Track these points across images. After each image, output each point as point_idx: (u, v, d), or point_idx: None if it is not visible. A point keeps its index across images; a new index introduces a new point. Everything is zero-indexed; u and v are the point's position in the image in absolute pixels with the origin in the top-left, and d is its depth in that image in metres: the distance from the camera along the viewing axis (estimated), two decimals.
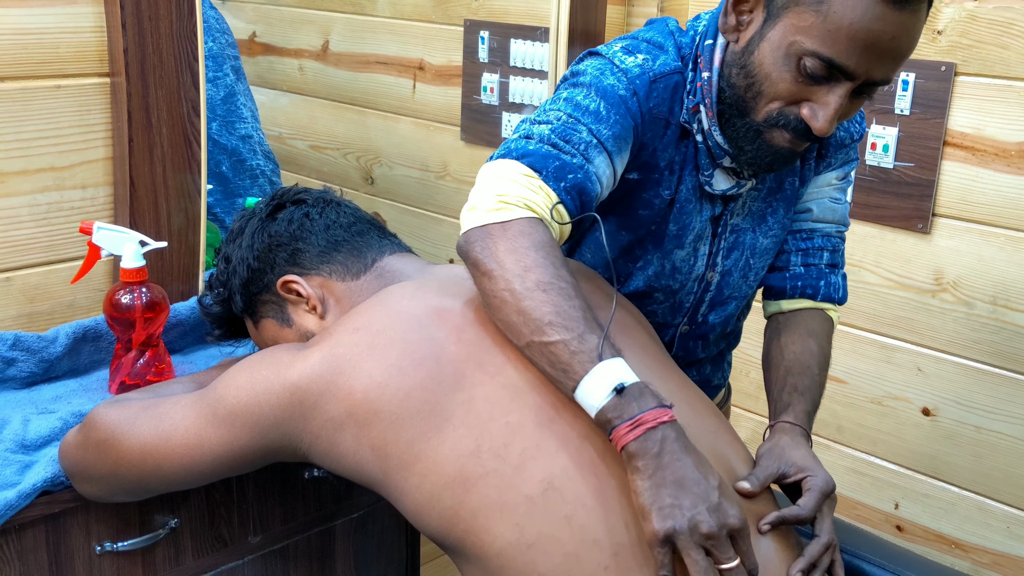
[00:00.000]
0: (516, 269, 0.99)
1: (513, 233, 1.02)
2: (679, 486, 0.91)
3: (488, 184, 1.06)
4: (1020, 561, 1.83)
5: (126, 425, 1.06)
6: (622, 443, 0.93)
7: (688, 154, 1.21)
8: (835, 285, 1.37)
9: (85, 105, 1.42)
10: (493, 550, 0.94)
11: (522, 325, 0.98)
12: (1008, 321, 1.78)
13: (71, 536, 1.16)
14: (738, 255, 1.31)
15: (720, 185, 1.23)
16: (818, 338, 1.31)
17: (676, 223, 1.24)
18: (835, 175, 1.35)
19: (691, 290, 1.32)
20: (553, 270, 0.99)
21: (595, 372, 0.94)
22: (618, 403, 0.93)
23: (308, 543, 1.39)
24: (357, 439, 0.99)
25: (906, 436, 1.94)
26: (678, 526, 0.90)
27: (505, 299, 0.99)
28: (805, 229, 1.37)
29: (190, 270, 1.51)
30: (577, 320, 0.97)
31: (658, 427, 0.93)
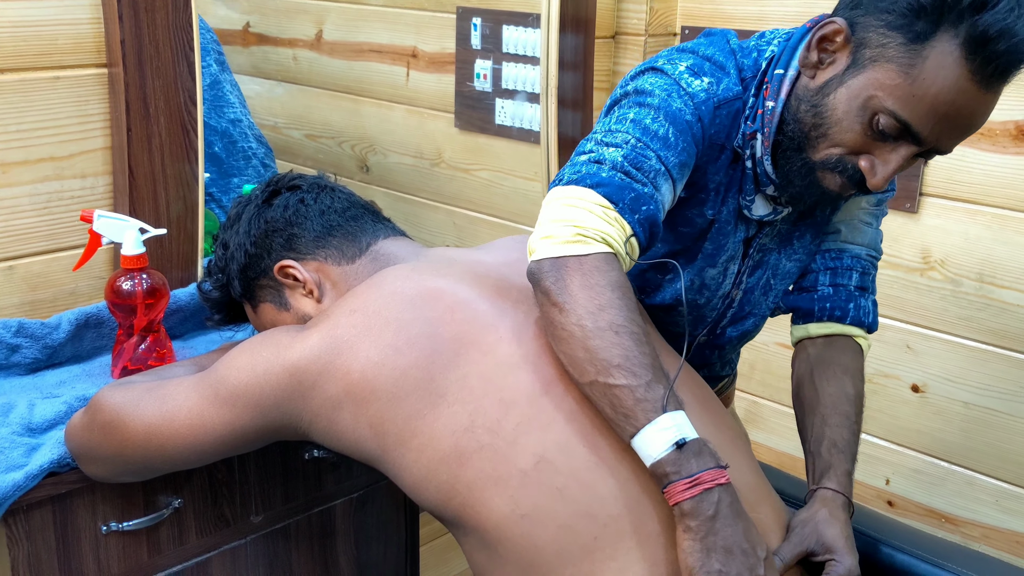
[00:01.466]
0: (590, 306, 0.98)
1: (589, 268, 1.00)
2: (728, 553, 0.92)
3: (563, 212, 1.03)
4: (1009, 534, 1.86)
5: (130, 407, 1.09)
6: (677, 499, 0.93)
7: (735, 177, 1.20)
8: (865, 309, 1.32)
9: (83, 96, 1.44)
10: (489, 522, 0.97)
11: (588, 363, 0.97)
12: (995, 298, 1.80)
13: (78, 516, 1.18)
14: (761, 273, 1.30)
15: (759, 211, 1.22)
16: (853, 378, 1.28)
17: (713, 242, 1.23)
18: (866, 200, 1.32)
19: (715, 306, 1.31)
20: (627, 312, 0.98)
21: (658, 423, 0.94)
22: (677, 458, 0.93)
23: (309, 522, 1.42)
24: (355, 417, 1.02)
25: (896, 413, 1.97)
26: None
27: (574, 334, 0.98)
28: (833, 249, 1.33)
29: (189, 257, 1.54)
30: (646, 367, 0.96)
31: (715, 489, 0.93)
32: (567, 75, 1.96)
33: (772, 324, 2.12)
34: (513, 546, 0.96)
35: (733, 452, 1.07)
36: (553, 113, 1.96)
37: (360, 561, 1.49)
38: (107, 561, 1.22)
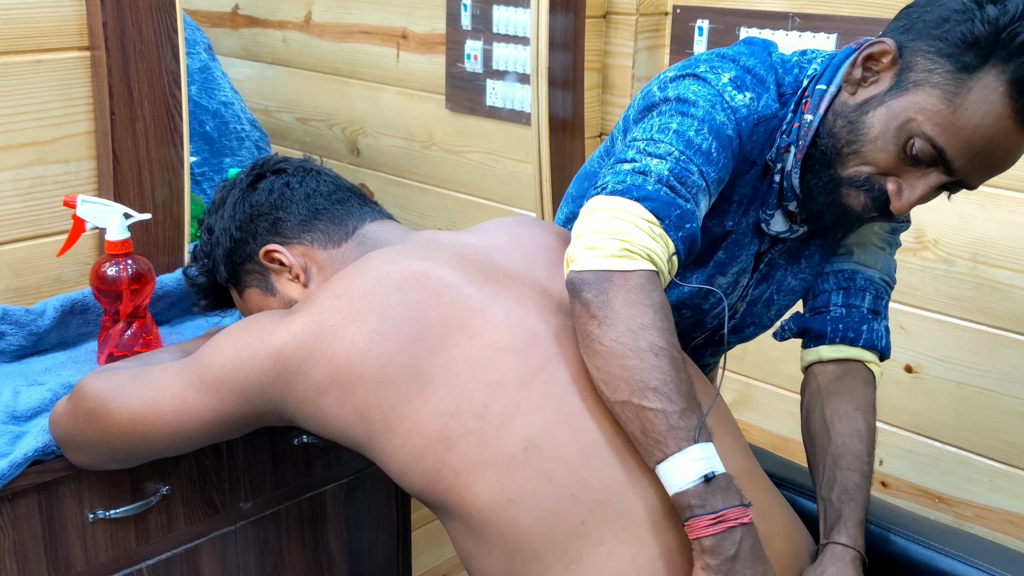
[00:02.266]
0: (632, 324, 0.96)
1: (633, 286, 0.98)
2: None
3: (609, 224, 1.01)
4: (1002, 513, 1.86)
5: (114, 393, 1.08)
6: (699, 535, 0.92)
7: (759, 191, 1.20)
8: (878, 333, 1.30)
9: (66, 79, 1.42)
10: (475, 507, 0.96)
11: (624, 381, 0.96)
12: (987, 277, 1.80)
13: (64, 504, 1.18)
14: (765, 287, 1.30)
15: (777, 227, 1.22)
16: (865, 414, 1.25)
17: (727, 252, 1.23)
18: (879, 226, 1.31)
19: (718, 314, 1.30)
20: (668, 336, 0.97)
21: (688, 453, 0.93)
22: (704, 492, 0.92)
23: (299, 508, 1.41)
24: (341, 403, 1.01)
25: (889, 393, 1.96)
26: None
27: (613, 350, 0.96)
28: (847, 269, 1.31)
29: (175, 242, 1.52)
30: (682, 395, 0.95)
31: (738, 528, 0.92)
32: (558, 55, 1.94)
33: None
34: (499, 530, 0.95)
35: (720, 433, 1.06)
36: (544, 94, 1.94)
37: (352, 547, 1.48)
38: (95, 549, 1.21)
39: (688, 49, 2.12)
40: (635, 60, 2.08)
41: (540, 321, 1.04)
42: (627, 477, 0.96)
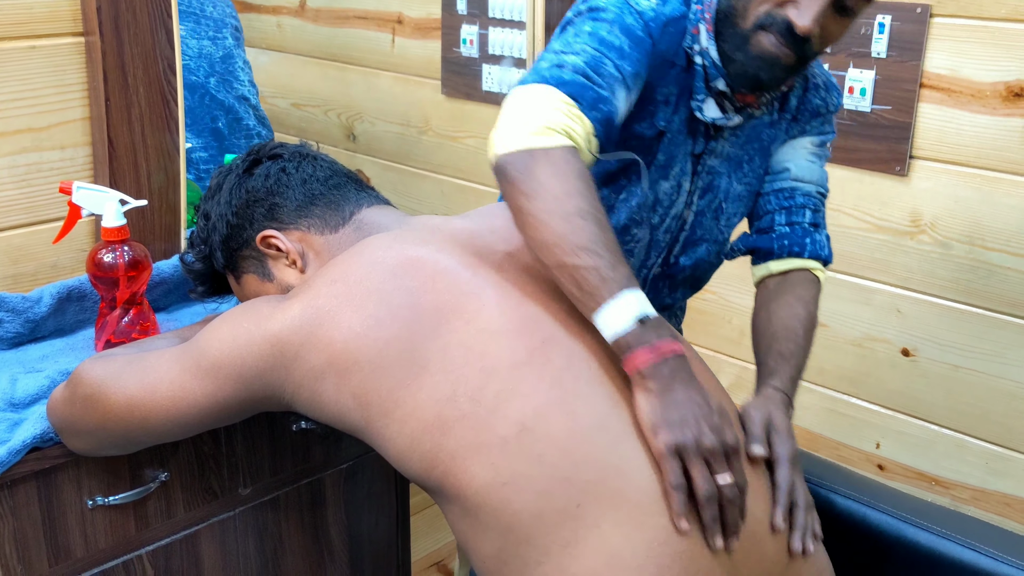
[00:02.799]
0: (558, 193, 1.03)
1: (556, 159, 1.06)
2: (687, 406, 0.98)
3: (528, 108, 1.09)
4: (998, 496, 1.86)
5: (112, 379, 1.08)
6: (638, 365, 0.98)
7: (685, 86, 1.27)
8: (820, 243, 1.40)
9: (60, 65, 1.42)
10: (470, 489, 0.96)
11: (556, 247, 1.02)
12: (984, 260, 1.80)
13: (63, 491, 1.18)
14: (711, 197, 1.36)
15: (710, 113, 1.28)
16: (805, 303, 1.35)
17: (665, 153, 1.30)
18: (810, 140, 1.40)
19: (669, 228, 1.36)
20: (592, 201, 1.04)
21: (621, 299, 0.99)
22: (639, 331, 0.99)
23: (298, 494, 1.41)
24: (338, 388, 1.01)
25: (885, 376, 1.97)
26: (686, 440, 0.96)
27: (543, 219, 1.03)
28: (786, 188, 1.40)
29: (172, 228, 1.52)
30: (610, 250, 1.02)
31: (672, 356, 0.99)
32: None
33: None
34: (493, 512, 0.96)
35: None
36: None
37: (351, 531, 1.49)
38: (94, 535, 1.22)
39: None
40: None
41: (535, 304, 1.04)
42: (620, 460, 0.96)
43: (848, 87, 1.89)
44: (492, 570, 0.98)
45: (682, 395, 0.98)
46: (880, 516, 1.27)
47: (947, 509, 1.48)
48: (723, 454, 0.97)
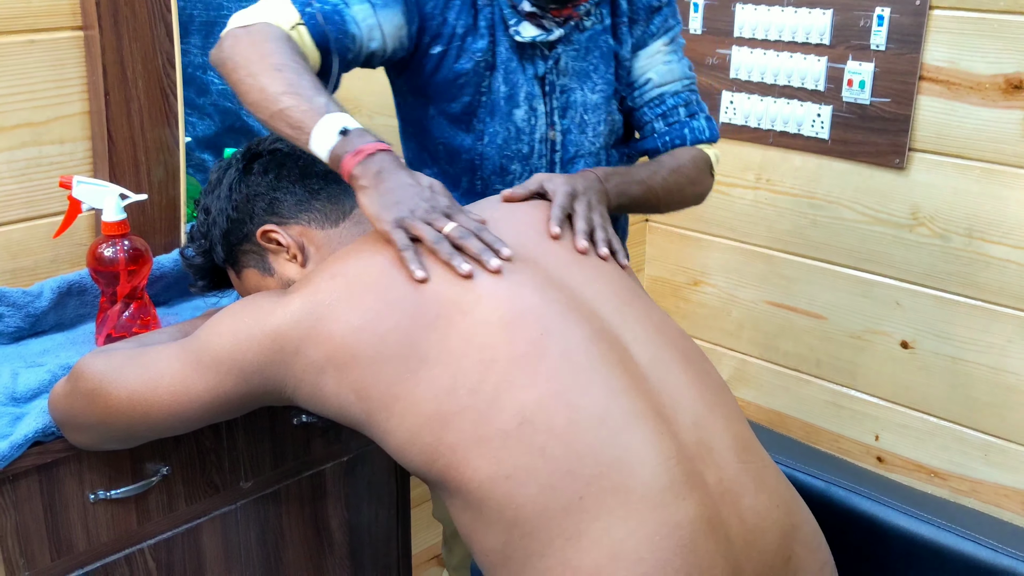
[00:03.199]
0: (255, 56, 1.17)
1: (254, 32, 1.21)
2: (398, 190, 1.08)
3: (245, 10, 1.25)
4: (996, 487, 1.87)
5: (113, 374, 1.08)
6: (348, 169, 1.09)
7: (495, 18, 1.36)
8: (699, 128, 1.50)
9: (60, 59, 1.41)
10: (473, 483, 0.96)
11: (264, 100, 1.14)
12: (982, 252, 1.80)
13: (65, 485, 1.18)
14: (573, 113, 1.44)
15: (528, 32, 1.36)
16: (676, 156, 1.46)
17: (506, 83, 1.38)
18: (660, 42, 1.48)
19: (541, 152, 1.44)
20: (288, 55, 1.17)
21: (322, 122, 1.10)
22: (344, 142, 1.09)
23: (299, 487, 1.41)
24: (338, 382, 1.01)
25: (885, 369, 1.97)
26: (402, 213, 1.06)
27: (249, 83, 1.16)
28: (654, 97, 1.49)
29: (172, 222, 1.52)
30: (307, 88, 1.14)
31: (377, 154, 1.09)
32: None
33: (760, 282, 2.13)
34: (496, 505, 0.96)
35: (716, 404, 1.06)
36: None
37: (351, 524, 1.49)
38: (96, 529, 1.22)
39: (683, 26, 2.11)
40: None
41: (532, 295, 1.04)
42: (622, 452, 0.96)
43: (847, 79, 1.89)
44: (496, 563, 0.98)
45: (392, 182, 1.07)
46: (879, 507, 1.27)
47: (946, 500, 1.49)
48: (441, 214, 1.08)
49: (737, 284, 2.16)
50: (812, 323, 2.06)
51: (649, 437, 0.97)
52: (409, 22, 1.33)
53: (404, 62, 1.39)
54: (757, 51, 2.02)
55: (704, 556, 0.93)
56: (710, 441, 1.01)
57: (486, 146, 1.41)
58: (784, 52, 1.98)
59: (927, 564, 1.21)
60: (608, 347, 1.03)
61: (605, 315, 1.07)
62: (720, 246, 2.18)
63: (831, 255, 2.00)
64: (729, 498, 0.98)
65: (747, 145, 2.09)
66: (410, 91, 1.43)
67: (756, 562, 0.98)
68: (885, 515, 1.26)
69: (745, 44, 2.03)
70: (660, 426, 0.99)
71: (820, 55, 1.93)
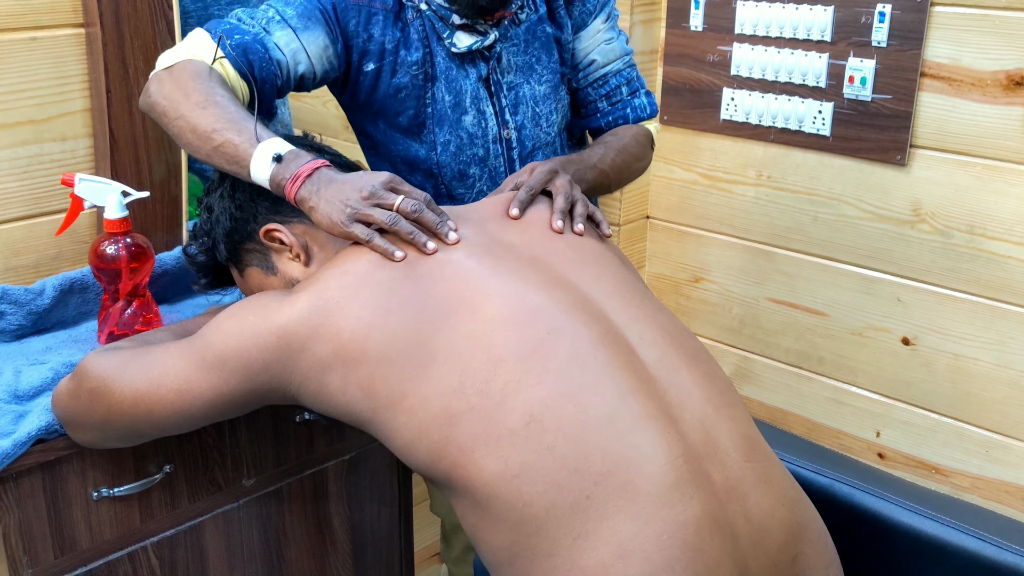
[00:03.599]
0: (180, 96, 1.18)
1: (176, 72, 1.21)
2: (338, 190, 1.09)
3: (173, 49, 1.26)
4: (998, 483, 1.87)
5: (117, 373, 1.08)
6: (293, 195, 1.10)
7: (427, 30, 1.36)
8: (640, 106, 1.54)
9: (61, 56, 1.41)
10: (479, 482, 0.96)
11: (197, 140, 1.15)
12: (984, 249, 1.80)
13: (68, 483, 1.18)
14: (524, 108, 1.44)
15: (464, 42, 1.36)
16: (619, 135, 1.49)
17: (449, 92, 1.38)
18: (599, 20, 1.49)
19: (496, 152, 1.44)
20: (211, 89, 1.18)
21: (257, 153, 1.12)
22: (280, 168, 1.11)
23: (301, 485, 1.41)
24: (345, 379, 1.01)
25: (886, 365, 1.97)
26: (349, 208, 1.07)
27: (179, 125, 1.17)
28: (598, 77, 1.51)
29: (174, 220, 1.52)
30: (235, 120, 1.15)
31: (313, 173, 1.10)
32: None
33: (762, 278, 2.12)
34: (504, 504, 0.96)
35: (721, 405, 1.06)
36: None
37: (354, 522, 1.49)
38: (99, 527, 1.22)
39: (684, 23, 2.11)
40: (632, 34, 2.07)
41: (539, 294, 1.04)
42: (630, 451, 0.96)
43: (848, 76, 1.89)
44: (503, 562, 0.98)
45: (331, 189, 1.09)
46: (884, 504, 1.27)
47: (950, 497, 1.48)
48: (384, 189, 1.08)
49: (738, 281, 2.16)
50: (813, 320, 2.05)
51: (657, 437, 0.97)
52: (333, 42, 1.33)
53: (341, 82, 1.39)
54: (758, 48, 2.01)
55: (710, 555, 0.93)
56: (717, 441, 1.01)
57: (440, 155, 1.41)
58: (785, 48, 1.98)
59: (932, 561, 1.21)
60: (616, 347, 1.03)
61: (612, 314, 1.07)
62: (721, 243, 2.18)
63: (832, 252, 2.00)
64: (735, 497, 0.98)
65: (748, 142, 2.08)
66: (357, 108, 1.43)
67: (762, 561, 0.98)
68: (889, 512, 1.26)
69: (746, 41, 2.03)
70: (668, 426, 0.99)
71: (821, 51, 1.92)
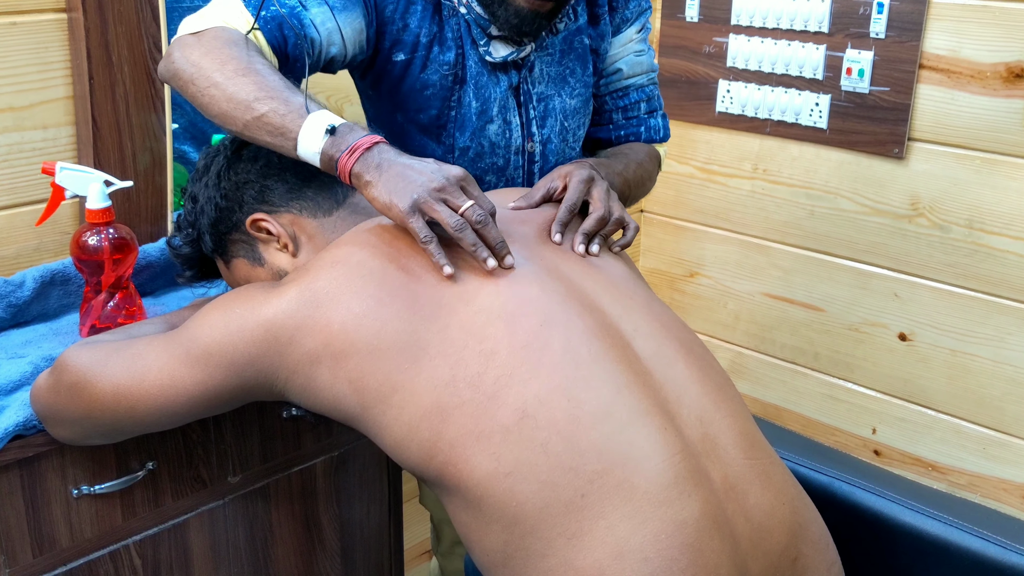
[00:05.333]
0: (214, 65, 1.09)
1: (207, 38, 1.12)
2: (405, 173, 1.01)
3: (196, 15, 1.17)
4: (995, 481, 1.86)
5: (98, 367, 1.05)
6: (347, 169, 1.03)
7: (462, 31, 1.30)
8: (655, 127, 1.50)
9: (42, 42, 1.38)
10: (472, 480, 0.94)
11: (234, 110, 1.07)
12: (983, 244, 1.78)
13: (47, 480, 1.15)
14: (553, 122, 1.39)
15: (500, 53, 1.32)
16: (636, 150, 1.44)
17: (477, 98, 1.33)
18: (634, 29, 1.45)
19: (516, 164, 1.39)
20: (249, 57, 1.10)
21: (307, 124, 1.04)
22: (333, 141, 1.03)
23: (289, 482, 1.39)
24: (334, 373, 0.99)
25: (882, 361, 1.96)
26: (416, 194, 1.00)
27: (212, 94, 1.09)
28: (620, 88, 1.47)
29: (158, 211, 1.49)
30: (279, 89, 1.07)
31: (373, 146, 1.03)
32: None
33: (757, 273, 2.10)
34: (496, 503, 0.93)
35: (721, 400, 1.04)
36: None
37: (342, 519, 1.47)
38: (79, 525, 1.19)
39: (680, 14, 2.09)
40: None
41: (533, 286, 1.02)
42: (626, 448, 0.94)
43: (846, 68, 1.87)
44: (496, 563, 0.95)
45: (396, 168, 1.01)
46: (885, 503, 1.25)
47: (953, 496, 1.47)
48: (455, 186, 1.01)
49: (733, 276, 2.14)
50: (809, 315, 2.04)
51: (654, 433, 0.95)
52: (368, 25, 1.27)
53: (366, 66, 1.34)
54: (755, 39, 1.99)
55: (710, 556, 0.91)
56: (715, 437, 0.99)
57: (457, 159, 1.35)
58: (782, 40, 1.95)
59: (934, 561, 1.19)
60: (610, 340, 1.00)
61: (605, 306, 1.05)
62: (716, 237, 2.16)
63: (829, 246, 1.98)
64: (734, 495, 0.96)
65: (744, 135, 2.06)
66: (377, 96, 1.38)
67: (762, 563, 0.95)
68: (891, 511, 1.24)
69: (742, 32, 2.01)
70: (665, 422, 0.96)
71: (819, 43, 1.90)
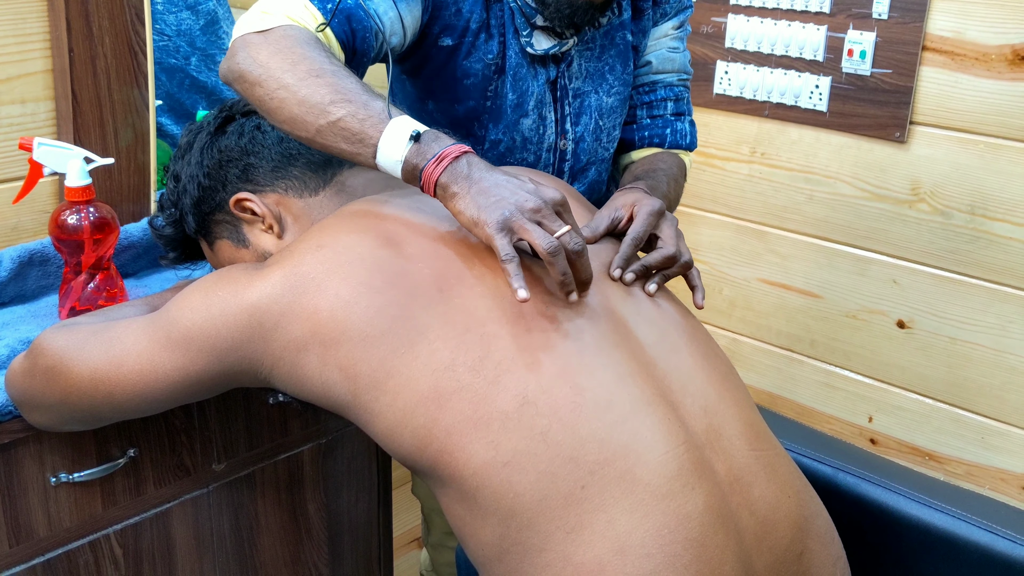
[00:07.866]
0: (284, 66, 1.03)
1: (275, 37, 1.05)
2: (496, 189, 0.95)
3: (258, 7, 1.10)
4: (993, 471, 1.84)
5: (75, 351, 1.01)
6: (433, 179, 0.96)
7: (505, 19, 1.26)
8: (681, 132, 1.43)
9: (20, 13, 1.34)
10: (468, 470, 0.90)
11: (306, 114, 1.01)
12: (985, 230, 1.76)
13: (23, 467, 1.12)
14: (587, 119, 1.35)
15: (542, 45, 1.28)
16: (669, 163, 1.37)
17: (514, 91, 1.29)
18: (671, 25, 1.40)
19: (547, 161, 1.35)
20: (322, 57, 1.03)
21: (388, 130, 0.98)
22: (418, 149, 0.97)
23: (275, 469, 1.36)
24: (323, 360, 0.95)
25: (880, 349, 1.93)
26: (507, 212, 0.93)
27: (282, 97, 1.02)
28: (647, 83, 1.42)
29: (141, 189, 1.46)
30: (357, 92, 1.00)
31: (462, 156, 0.96)
32: None
33: (753, 259, 2.07)
34: (493, 494, 0.90)
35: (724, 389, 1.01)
36: None
37: (330, 508, 1.44)
38: (58, 514, 1.16)
39: None
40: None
41: (535, 270, 0.99)
42: (628, 438, 0.91)
43: (847, 49, 1.84)
44: (491, 557, 0.92)
45: (488, 181, 0.95)
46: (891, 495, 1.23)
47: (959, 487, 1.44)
48: (551, 210, 0.95)
49: (729, 261, 2.12)
50: (806, 302, 2.01)
51: (657, 424, 0.92)
52: (424, 11, 1.22)
53: (409, 48, 1.28)
54: (754, 19, 1.96)
55: (714, 551, 0.88)
56: (720, 428, 0.96)
57: (486, 153, 1.30)
58: (782, 20, 1.92)
59: (941, 555, 1.17)
60: (613, 326, 0.98)
61: (607, 292, 1.02)
62: (712, 222, 2.13)
63: (827, 232, 1.95)
64: (739, 488, 0.93)
65: (742, 117, 2.03)
66: (413, 82, 1.33)
67: (768, 558, 0.93)
68: (896, 503, 1.21)
69: (741, 12, 1.97)
70: (668, 412, 0.93)
71: (819, 24, 1.87)
